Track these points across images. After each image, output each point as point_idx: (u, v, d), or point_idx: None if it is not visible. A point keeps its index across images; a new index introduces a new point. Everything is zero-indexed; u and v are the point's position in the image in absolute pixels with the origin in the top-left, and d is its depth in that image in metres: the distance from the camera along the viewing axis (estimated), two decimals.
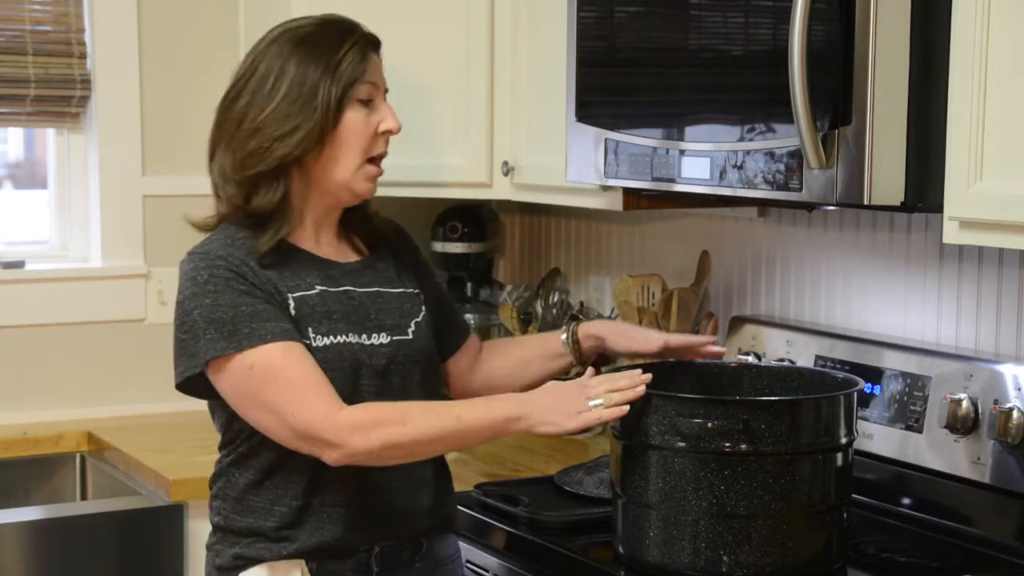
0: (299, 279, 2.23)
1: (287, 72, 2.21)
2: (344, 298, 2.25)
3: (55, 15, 3.55)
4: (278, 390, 2.12)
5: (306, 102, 2.19)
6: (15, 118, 3.59)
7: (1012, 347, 2.53)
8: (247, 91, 2.23)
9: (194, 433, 3.44)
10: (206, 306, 2.16)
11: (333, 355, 2.19)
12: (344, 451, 2.12)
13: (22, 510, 3.13)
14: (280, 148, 2.19)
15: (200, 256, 2.21)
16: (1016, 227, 2.05)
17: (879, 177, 2.16)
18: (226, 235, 2.23)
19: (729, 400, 2.22)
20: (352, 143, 2.23)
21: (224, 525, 2.27)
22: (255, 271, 2.19)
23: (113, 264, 3.63)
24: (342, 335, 2.21)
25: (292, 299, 2.20)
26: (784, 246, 3.01)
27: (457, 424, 2.13)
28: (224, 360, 2.15)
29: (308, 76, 2.20)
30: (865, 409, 2.62)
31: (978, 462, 2.43)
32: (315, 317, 2.20)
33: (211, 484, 2.32)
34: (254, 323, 2.14)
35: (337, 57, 2.22)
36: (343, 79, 2.21)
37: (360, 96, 2.23)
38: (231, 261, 2.18)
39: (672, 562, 2.18)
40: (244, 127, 2.21)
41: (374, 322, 2.26)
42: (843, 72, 2.16)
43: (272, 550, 2.22)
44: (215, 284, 2.16)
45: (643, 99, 2.66)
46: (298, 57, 2.22)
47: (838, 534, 2.23)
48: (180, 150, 3.68)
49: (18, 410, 3.54)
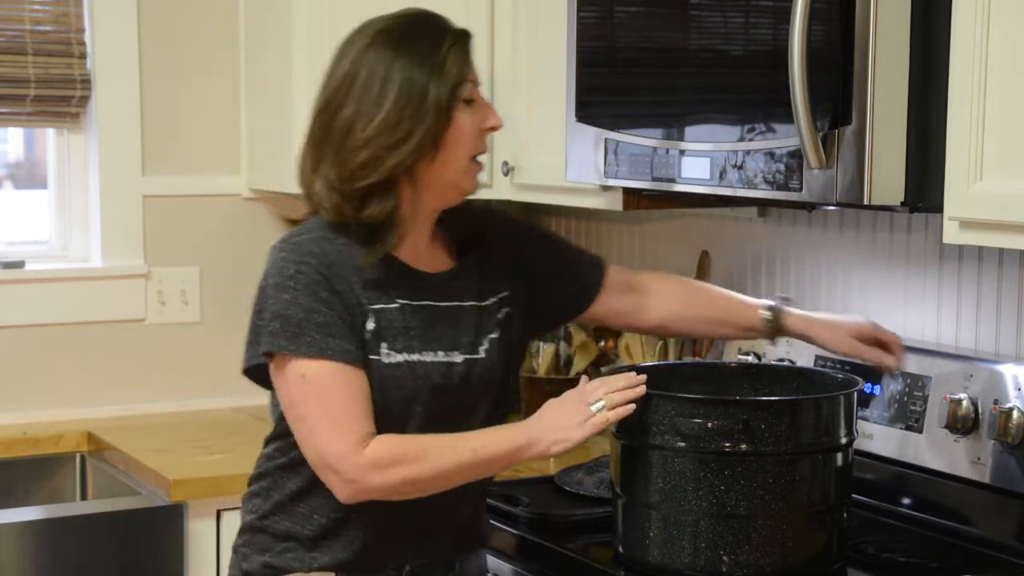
0: (382, 291, 2.16)
1: (393, 77, 2.11)
2: (424, 313, 2.19)
3: (55, 15, 3.55)
4: (318, 409, 2.10)
5: (417, 107, 2.11)
6: (15, 118, 3.59)
7: (1012, 347, 2.53)
8: (351, 99, 2.13)
9: (194, 433, 3.45)
10: (283, 301, 2.11)
11: (404, 372, 2.15)
12: (358, 487, 2.10)
13: (22, 510, 3.12)
14: (393, 157, 2.11)
15: (292, 248, 2.15)
16: (1016, 227, 2.05)
17: (879, 177, 2.16)
18: (321, 230, 2.17)
19: (729, 400, 2.22)
20: (462, 144, 2.16)
21: (259, 526, 2.24)
22: (341, 277, 2.13)
23: (113, 264, 3.63)
24: (416, 353, 2.16)
25: (372, 312, 2.15)
26: (784, 246, 3.01)
27: (473, 457, 2.11)
28: (282, 358, 2.11)
29: (416, 79, 2.11)
30: (865, 409, 2.62)
31: (978, 462, 2.43)
32: (392, 332, 2.15)
33: (253, 481, 2.28)
34: (319, 334, 2.09)
35: (440, 56, 2.13)
36: (450, 79, 2.13)
37: (465, 95, 2.15)
38: (322, 260, 2.13)
39: (672, 562, 2.18)
40: (354, 138, 2.11)
41: (449, 339, 2.20)
42: (843, 72, 2.16)
43: (304, 560, 2.19)
44: (297, 281, 2.11)
45: (643, 99, 2.66)
46: (402, 60, 2.12)
47: (838, 534, 2.23)
48: (180, 150, 3.69)
49: (18, 410, 3.54)
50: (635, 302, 2.45)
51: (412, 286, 2.19)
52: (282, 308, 2.11)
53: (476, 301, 2.25)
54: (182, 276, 3.70)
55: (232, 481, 3.07)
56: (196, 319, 3.72)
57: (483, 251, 2.30)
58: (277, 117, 3.51)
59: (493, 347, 2.24)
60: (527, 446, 2.13)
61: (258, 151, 3.67)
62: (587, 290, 2.41)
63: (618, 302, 2.44)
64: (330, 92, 2.17)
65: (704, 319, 2.47)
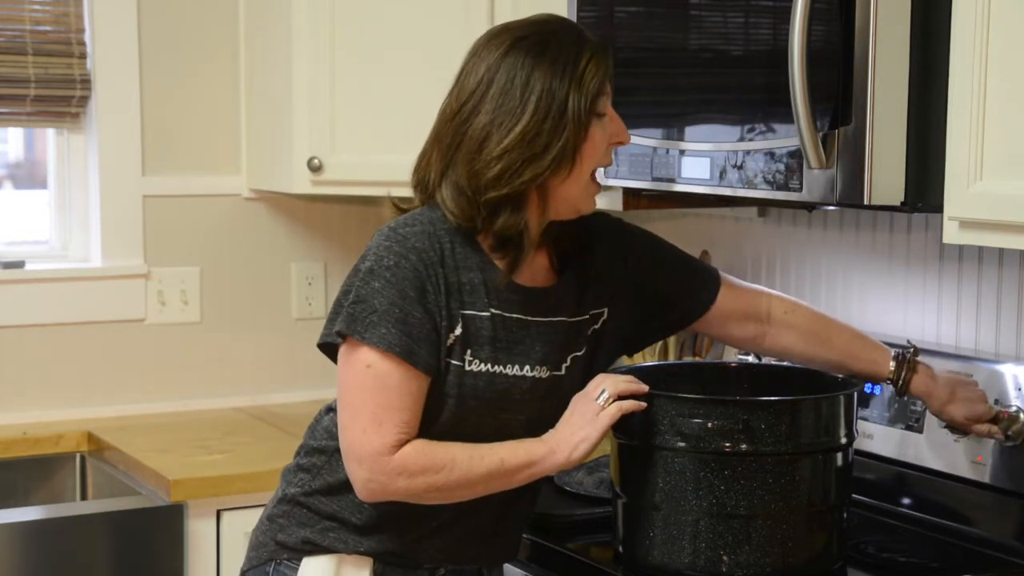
0: (476, 297, 2.13)
1: (532, 86, 2.05)
2: (515, 326, 2.16)
3: (55, 15, 3.55)
4: (369, 402, 2.08)
5: (557, 119, 2.05)
6: (15, 118, 3.59)
7: (1012, 347, 2.53)
8: (486, 106, 2.07)
9: (194, 433, 3.44)
10: (371, 288, 2.08)
11: (485, 383, 2.13)
12: (384, 488, 2.09)
13: (22, 510, 3.12)
14: (529, 170, 2.06)
15: (399, 238, 2.11)
16: (1016, 227, 2.05)
17: (879, 177, 2.16)
18: (431, 225, 2.13)
19: (729, 400, 2.22)
20: (593, 159, 2.11)
21: (303, 500, 2.21)
22: (439, 279, 2.10)
23: (113, 264, 3.63)
24: (499, 365, 2.14)
25: (463, 316, 2.12)
26: (784, 246, 3.01)
27: (500, 467, 2.10)
28: (353, 342, 2.09)
29: (556, 90, 2.05)
30: (865, 409, 2.62)
31: (978, 462, 2.43)
32: (479, 341, 2.13)
33: (306, 454, 2.25)
34: (395, 328, 2.07)
35: (580, 68, 2.07)
36: (590, 92, 2.07)
37: (600, 109, 2.10)
38: (422, 258, 2.09)
39: (672, 562, 2.18)
40: (490, 148, 2.06)
41: (538, 354, 2.17)
42: (843, 72, 2.16)
43: (348, 543, 2.18)
44: (392, 273, 2.08)
45: (643, 99, 2.66)
46: (542, 69, 2.06)
47: (838, 534, 2.23)
48: (180, 150, 3.68)
49: (18, 410, 3.53)
50: (754, 330, 2.37)
51: (507, 297, 2.15)
52: (368, 294, 2.08)
53: (568, 317, 2.20)
54: (182, 276, 3.70)
55: (232, 481, 3.07)
56: (196, 319, 3.72)
57: (585, 264, 2.24)
58: (277, 117, 3.51)
59: (575, 365, 2.22)
60: (549, 454, 2.11)
61: (258, 151, 3.67)
62: (690, 313, 2.34)
63: (735, 328, 2.37)
64: (464, 97, 2.10)
65: (824, 362, 2.36)
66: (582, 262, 2.23)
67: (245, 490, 3.04)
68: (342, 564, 2.19)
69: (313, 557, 2.20)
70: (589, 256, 2.24)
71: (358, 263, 2.13)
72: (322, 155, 3.33)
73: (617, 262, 2.27)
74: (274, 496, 2.29)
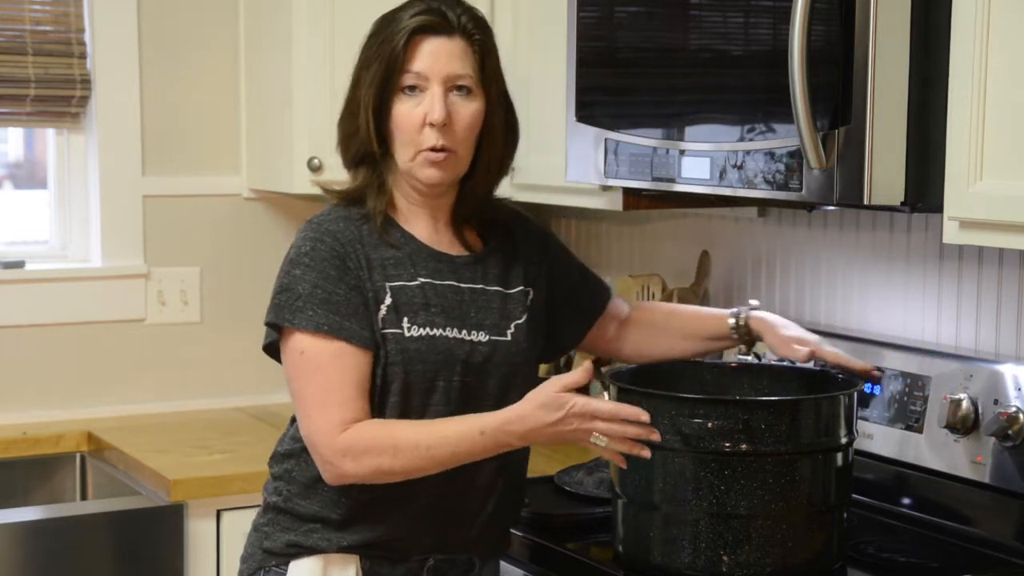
0: (403, 268, 2.20)
1: (359, 58, 2.23)
2: (449, 292, 2.22)
3: (55, 15, 3.55)
4: (311, 386, 2.14)
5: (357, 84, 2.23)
6: (15, 118, 3.59)
7: (1012, 347, 2.53)
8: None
9: (194, 433, 3.44)
10: (293, 275, 2.17)
11: (426, 346, 2.17)
12: (336, 472, 2.14)
13: (22, 510, 3.12)
14: (354, 144, 2.23)
15: (313, 226, 2.22)
16: (1016, 227, 2.05)
17: (879, 177, 2.16)
18: (342, 210, 2.24)
19: (729, 400, 2.22)
20: (399, 135, 2.21)
21: (284, 507, 2.24)
22: (359, 255, 2.18)
23: (113, 264, 3.63)
24: (438, 328, 2.19)
25: (390, 288, 2.18)
26: (784, 246, 3.01)
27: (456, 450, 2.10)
28: (287, 333, 2.16)
29: (367, 61, 2.21)
30: (865, 409, 2.62)
31: (978, 462, 2.43)
32: (412, 308, 2.18)
33: (276, 463, 2.29)
34: (321, 309, 2.14)
35: (391, 43, 2.20)
36: (394, 66, 2.19)
37: (402, 83, 2.20)
38: (338, 239, 2.19)
39: (672, 562, 2.18)
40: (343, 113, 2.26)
41: (474, 319, 2.23)
42: (843, 72, 2.16)
43: (331, 540, 2.20)
44: (311, 258, 2.17)
45: (643, 99, 2.66)
46: (368, 40, 2.23)
47: (838, 534, 2.23)
48: (180, 150, 3.69)
49: (18, 410, 3.54)
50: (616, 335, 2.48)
51: (435, 267, 2.23)
52: (291, 282, 2.17)
53: (501, 287, 2.28)
54: (182, 276, 3.70)
55: (232, 481, 3.07)
56: (196, 319, 3.72)
57: (507, 244, 2.33)
58: (277, 117, 3.51)
59: (520, 332, 2.27)
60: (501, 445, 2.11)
61: (258, 151, 3.67)
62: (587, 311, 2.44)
63: (600, 332, 2.47)
64: None
65: (674, 336, 2.46)
66: (503, 241, 2.33)
67: (245, 490, 3.04)
68: (328, 564, 2.20)
69: (299, 560, 2.21)
70: (510, 238, 2.33)
71: (284, 260, 2.22)
72: (322, 155, 3.33)
73: (535, 253, 2.36)
74: (259, 510, 2.32)
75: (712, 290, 3.19)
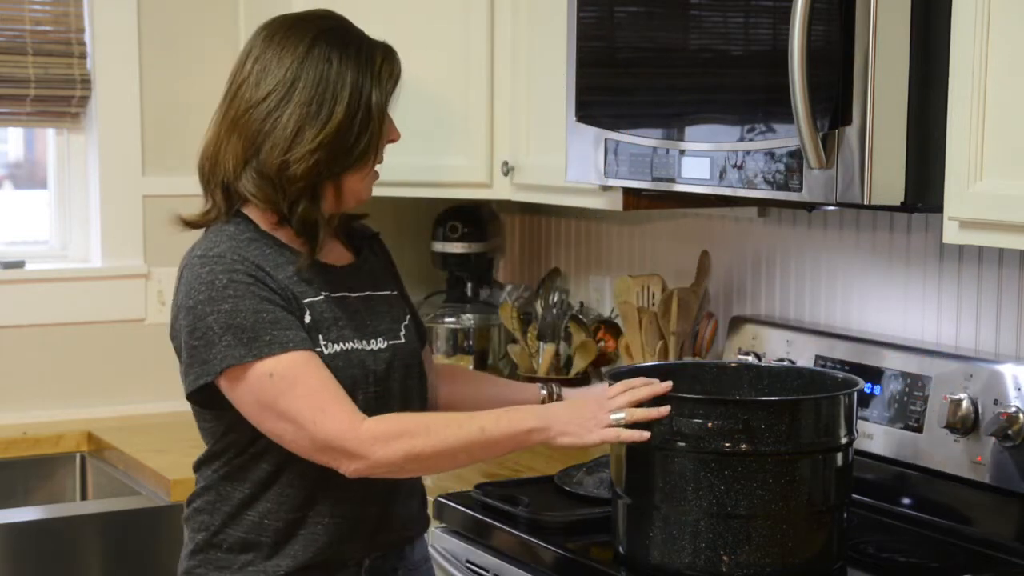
0: (306, 285, 2.17)
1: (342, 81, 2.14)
2: (344, 303, 2.21)
3: (55, 15, 3.55)
4: (298, 399, 2.07)
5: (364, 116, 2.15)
6: (15, 118, 3.59)
7: (1012, 347, 2.53)
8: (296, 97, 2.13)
9: (194, 433, 3.42)
10: (224, 311, 2.09)
11: (343, 362, 2.15)
12: (367, 462, 2.08)
13: (22, 510, 3.13)
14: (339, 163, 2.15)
15: (215, 259, 2.13)
16: (1016, 227, 2.05)
17: (879, 177, 2.16)
18: (229, 236, 2.17)
19: (729, 400, 2.22)
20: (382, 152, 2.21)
21: (212, 542, 2.20)
22: (272, 276, 2.13)
23: (113, 264, 3.63)
24: (349, 342, 2.18)
25: (307, 305, 2.16)
26: (784, 246, 3.01)
27: (480, 436, 2.10)
28: (242, 368, 2.09)
29: (363, 86, 2.15)
30: (865, 409, 2.62)
31: (978, 462, 2.43)
32: (325, 324, 2.16)
33: (192, 500, 2.25)
34: (275, 330, 2.09)
35: (378, 65, 2.17)
36: (387, 90, 2.18)
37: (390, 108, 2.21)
38: (247, 265, 2.12)
39: (672, 562, 2.18)
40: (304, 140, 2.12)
41: (371, 327, 2.23)
42: (843, 72, 2.16)
43: (266, 571, 2.16)
44: (235, 289, 2.10)
45: (643, 99, 2.66)
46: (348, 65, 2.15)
47: (838, 534, 2.23)
48: (180, 150, 3.68)
49: (18, 410, 3.54)
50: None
51: (325, 279, 2.21)
52: (227, 319, 2.09)
53: (384, 291, 2.30)
54: None
55: None
56: None
57: (373, 254, 2.35)
58: None
59: (409, 332, 2.29)
60: (536, 431, 2.12)
61: None
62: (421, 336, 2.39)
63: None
64: (270, 87, 2.14)
65: (488, 398, 2.40)
66: (370, 252, 2.34)
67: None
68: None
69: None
70: (372, 250, 2.36)
71: (187, 303, 2.14)
72: None
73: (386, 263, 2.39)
74: (183, 555, 2.26)
75: (712, 290, 3.19)
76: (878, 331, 2.77)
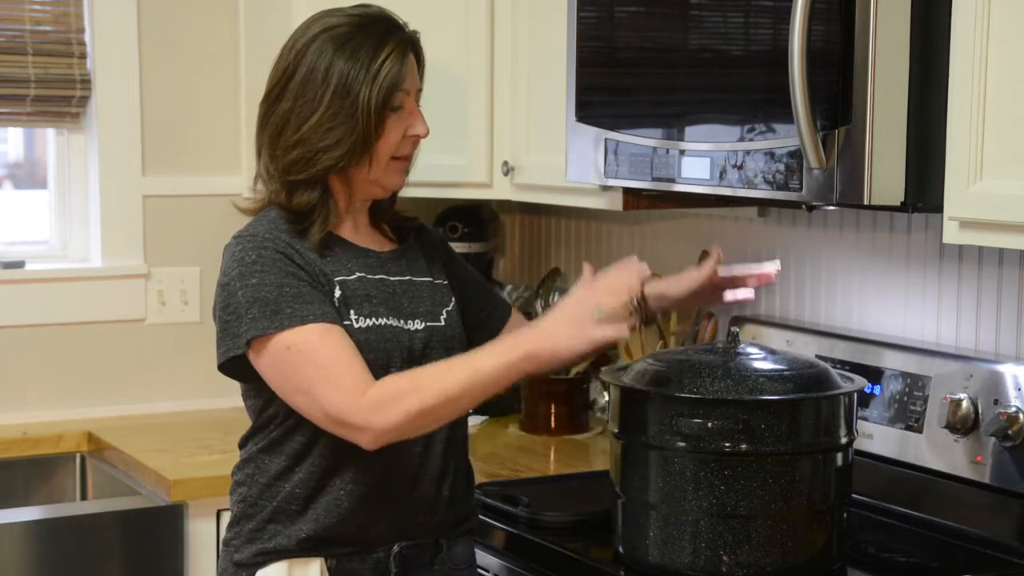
0: (340, 265, 2.23)
1: (330, 79, 2.17)
2: (381, 285, 2.25)
3: (55, 15, 3.55)
4: (312, 371, 2.11)
5: (349, 114, 2.17)
6: (15, 118, 3.59)
7: (1012, 347, 2.53)
8: (289, 94, 2.20)
9: (194, 433, 3.45)
10: (251, 286, 2.15)
11: (375, 336, 2.19)
12: (373, 433, 2.10)
13: (22, 510, 3.12)
14: (323, 160, 2.18)
15: (248, 238, 2.20)
16: (1016, 227, 2.05)
17: (879, 177, 2.16)
18: (270, 220, 2.23)
19: (729, 400, 2.22)
20: (388, 150, 2.22)
21: (249, 512, 2.26)
22: (302, 254, 2.19)
23: (113, 264, 3.63)
24: (383, 318, 2.21)
25: (337, 282, 2.20)
26: (784, 246, 3.01)
27: (475, 375, 2.10)
28: (265, 340, 2.13)
29: (351, 84, 2.16)
30: (865, 409, 2.62)
31: (978, 462, 2.43)
32: (357, 299, 2.20)
33: (236, 472, 2.30)
34: (296, 304, 2.13)
35: (378, 62, 2.18)
36: (383, 87, 2.18)
37: (396, 103, 2.21)
38: (278, 243, 2.18)
39: (672, 562, 2.18)
40: (287, 134, 2.20)
41: (408, 309, 2.26)
42: (843, 72, 2.16)
43: (291, 536, 2.20)
44: (262, 264, 2.16)
45: (643, 99, 2.66)
46: (341, 61, 2.17)
47: (838, 534, 2.23)
48: (180, 150, 3.69)
49: (18, 410, 3.54)
50: None
51: (364, 262, 2.26)
52: (253, 293, 2.15)
53: (428, 278, 2.32)
54: (182, 276, 3.70)
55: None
56: (196, 319, 3.72)
57: (419, 243, 2.38)
58: None
59: (452, 317, 2.31)
60: (526, 358, 2.10)
61: None
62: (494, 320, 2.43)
63: None
64: (272, 82, 2.24)
65: None
66: (415, 242, 2.37)
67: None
68: (293, 567, 2.21)
69: (265, 568, 2.23)
70: (418, 241, 2.38)
71: (221, 280, 2.20)
72: None
73: (441, 254, 2.40)
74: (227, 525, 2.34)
75: None
76: (878, 331, 2.78)
